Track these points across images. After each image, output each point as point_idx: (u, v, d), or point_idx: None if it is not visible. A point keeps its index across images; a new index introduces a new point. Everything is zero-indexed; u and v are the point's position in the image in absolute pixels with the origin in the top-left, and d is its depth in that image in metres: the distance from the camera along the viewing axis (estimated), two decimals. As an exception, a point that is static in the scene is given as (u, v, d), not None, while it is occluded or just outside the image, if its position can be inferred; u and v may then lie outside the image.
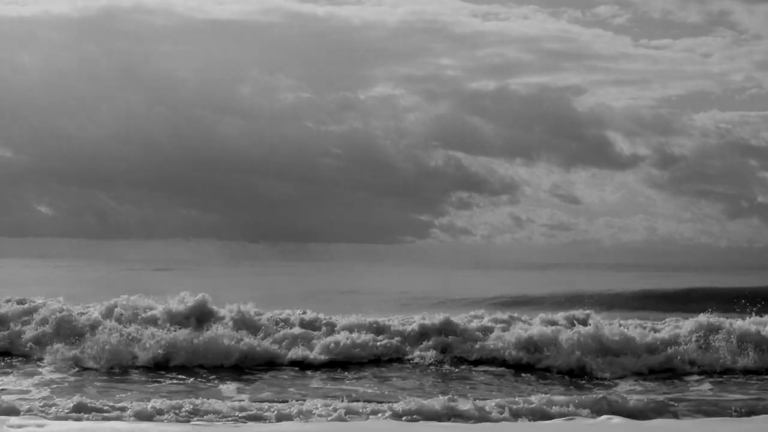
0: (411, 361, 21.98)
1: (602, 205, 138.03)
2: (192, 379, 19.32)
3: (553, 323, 23.66)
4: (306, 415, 14.51)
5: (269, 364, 21.52)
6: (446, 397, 15.29)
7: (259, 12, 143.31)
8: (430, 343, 22.57)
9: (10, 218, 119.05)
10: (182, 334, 21.89)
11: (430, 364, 21.69)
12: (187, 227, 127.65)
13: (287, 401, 15.78)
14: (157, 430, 13.20)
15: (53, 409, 14.56)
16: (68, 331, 22.88)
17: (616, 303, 36.69)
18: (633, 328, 22.97)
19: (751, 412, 15.64)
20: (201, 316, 24.00)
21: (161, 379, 19.29)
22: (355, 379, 19.75)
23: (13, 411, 14.28)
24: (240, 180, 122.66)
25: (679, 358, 21.45)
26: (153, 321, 23.57)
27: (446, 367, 21.52)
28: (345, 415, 14.56)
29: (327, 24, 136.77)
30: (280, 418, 14.37)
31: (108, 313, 24.28)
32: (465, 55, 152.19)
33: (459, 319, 23.96)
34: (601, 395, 15.93)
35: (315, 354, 21.92)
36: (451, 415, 14.69)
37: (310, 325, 23.97)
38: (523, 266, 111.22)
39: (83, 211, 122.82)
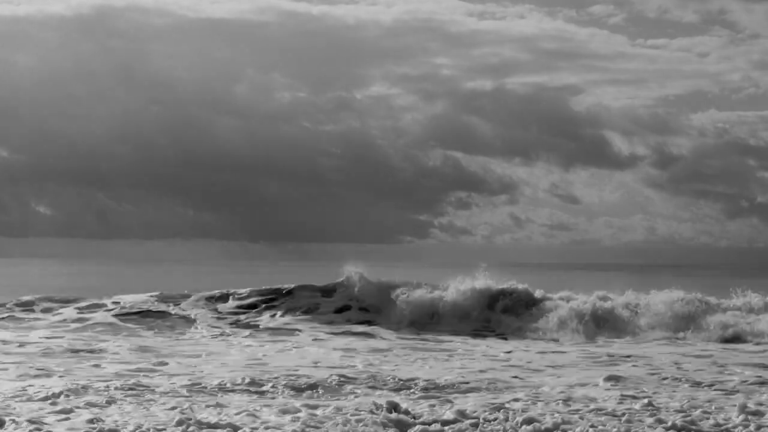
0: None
1: (601, 204, 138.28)
2: None
3: None
4: None
5: None
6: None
7: (253, 11, 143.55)
8: None
9: (9, 218, 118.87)
10: None
11: None
12: (187, 227, 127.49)
13: None
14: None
15: None
16: None
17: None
18: None
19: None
20: None
21: None
22: None
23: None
24: (238, 180, 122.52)
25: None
26: None
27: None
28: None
29: (322, 23, 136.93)
30: None
31: None
32: (461, 55, 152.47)
33: None
34: None
35: None
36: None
37: None
38: (523, 266, 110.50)
39: (82, 211, 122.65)
